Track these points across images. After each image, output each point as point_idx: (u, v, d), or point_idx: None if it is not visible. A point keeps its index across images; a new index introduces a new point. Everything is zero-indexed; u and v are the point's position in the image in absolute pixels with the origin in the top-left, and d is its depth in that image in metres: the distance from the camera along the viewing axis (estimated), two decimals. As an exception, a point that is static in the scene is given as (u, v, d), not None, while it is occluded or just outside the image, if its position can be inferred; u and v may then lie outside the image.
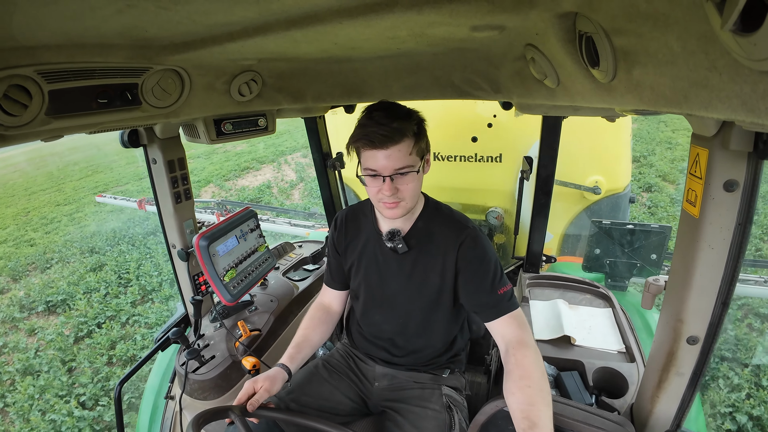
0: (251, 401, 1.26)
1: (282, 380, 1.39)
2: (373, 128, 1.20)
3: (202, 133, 1.59)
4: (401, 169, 1.23)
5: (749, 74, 0.40)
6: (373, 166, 1.24)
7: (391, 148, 1.20)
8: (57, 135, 1.02)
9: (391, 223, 1.45)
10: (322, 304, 1.70)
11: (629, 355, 1.72)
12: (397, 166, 1.22)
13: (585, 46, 0.70)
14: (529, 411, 1.09)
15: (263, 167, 14.27)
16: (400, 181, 1.25)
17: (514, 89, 1.37)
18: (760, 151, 0.82)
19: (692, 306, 1.03)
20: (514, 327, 1.30)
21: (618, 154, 3.33)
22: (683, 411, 1.18)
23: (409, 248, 1.42)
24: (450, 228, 1.41)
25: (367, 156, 1.24)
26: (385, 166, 1.22)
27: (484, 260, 1.36)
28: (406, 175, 1.25)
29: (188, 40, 0.97)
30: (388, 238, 1.42)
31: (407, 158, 1.23)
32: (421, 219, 1.44)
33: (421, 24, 0.88)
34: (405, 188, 1.26)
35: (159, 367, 2.29)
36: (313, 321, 1.62)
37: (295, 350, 1.49)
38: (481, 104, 3.11)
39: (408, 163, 1.23)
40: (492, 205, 3.42)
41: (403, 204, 1.29)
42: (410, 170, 1.24)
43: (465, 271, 1.38)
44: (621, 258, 2.57)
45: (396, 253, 1.43)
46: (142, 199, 6.48)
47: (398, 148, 1.21)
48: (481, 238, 1.39)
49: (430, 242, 1.42)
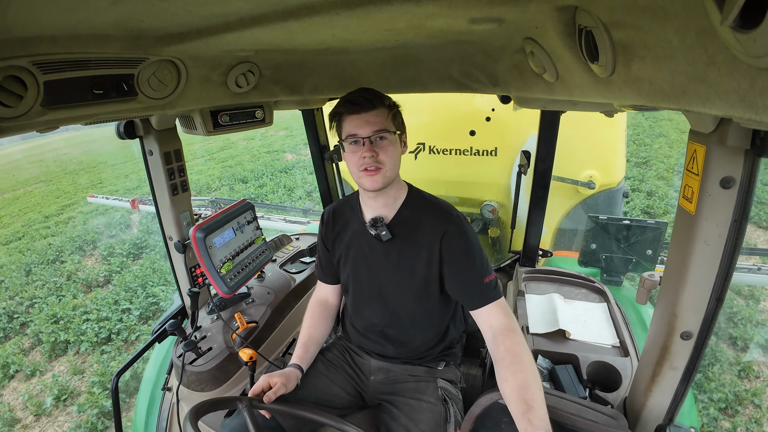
0: (268, 394, 1.30)
1: (296, 379, 1.43)
2: (353, 95, 1.33)
3: (198, 124, 1.58)
4: (380, 132, 1.32)
5: (748, 70, 0.39)
6: (353, 131, 1.33)
7: (371, 112, 1.31)
8: (53, 126, 1.01)
9: (375, 211, 1.46)
10: (319, 299, 1.72)
11: (623, 349, 1.73)
12: (376, 128, 1.31)
13: (584, 40, 0.70)
14: (524, 394, 1.11)
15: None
16: (378, 145, 1.33)
17: (513, 83, 1.37)
18: (757, 147, 0.82)
19: (687, 301, 1.04)
20: (501, 315, 1.32)
21: (613, 149, 3.34)
22: (676, 405, 1.20)
23: (394, 236, 1.43)
24: (434, 216, 1.42)
25: (347, 122, 1.34)
26: (365, 128, 1.32)
27: (469, 249, 1.38)
28: (385, 139, 1.33)
29: (184, 31, 0.96)
30: (371, 224, 1.43)
31: (385, 122, 1.33)
32: (405, 207, 1.46)
33: (420, 16, 0.87)
34: (384, 153, 1.33)
35: (156, 358, 2.30)
36: (314, 319, 1.65)
37: (303, 350, 1.54)
38: (480, 98, 3.10)
39: (386, 126, 1.33)
40: (487, 198, 3.42)
41: (383, 171, 1.34)
42: (388, 134, 1.33)
43: (450, 261, 1.40)
44: (617, 253, 2.59)
45: (381, 241, 1.44)
46: (135, 199, 6.42)
47: (376, 113, 1.32)
48: (465, 226, 1.41)
49: (416, 230, 1.43)
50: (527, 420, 1.07)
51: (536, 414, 1.07)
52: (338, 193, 2.91)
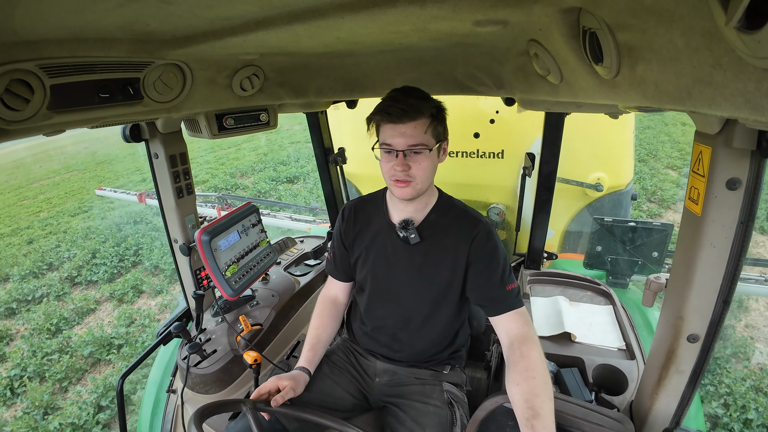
0: (276, 397, 1.28)
1: (304, 382, 1.41)
2: (391, 103, 1.25)
3: (203, 127, 1.58)
4: (415, 146, 1.26)
5: (753, 72, 0.39)
6: (388, 141, 1.28)
7: (407, 124, 1.24)
8: (59, 129, 1.02)
9: (404, 214, 1.45)
10: (329, 297, 1.70)
11: (629, 352, 1.72)
12: (411, 142, 1.25)
13: (589, 41, 0.70)
14: (533, 401, 1.10)
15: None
16: (412, 159, 1.28)
17: (517, 85, 1.37)
18: (763, 149, 0.82)
19: (693, 304, 1.03)
20: (521, 323, 1.32)
21: (621, 151, 3.32)
22: (683, 408, 1.19)
23: (422, 239, 1.42)
24: (464, 222, 1.42)
25: (383, 130, 1.29)
26: (399, 141, 1.26)
27: (495, 255, 1.38)
28: (419, 154, 1.28)
29: (190, 34, 0.97)
30: (401, 226, 1.42)
31: (422, 136, 1.26)
32: (434, 212, 1.45)
33: (424, 18, 0.87)
34: (417, 167, 1.29)
35: (161, 361, 2.31)
36: (324, 319, 1.62)
37: (311, 353, 1.52)
38: (484, 100, 3.10)
39: (422, 141, 1.26)
40: (493, 201, 3.41)
41: (413, 184, 1.31)
42: (423, 148, 1.27)
43: (476, 265, 1.39)
44: (622, 255, 2.57)
45: (407, 244, 1.43)
46: (143, 192, 6.47)
47: (414, 125, 1.24)
48: (494, 233, 1.41)
49: (444, 236, 1.42)
50: (531, 426, 1.06)
51: (542, 423, 1.06)
52: (342, 196, 2.91)
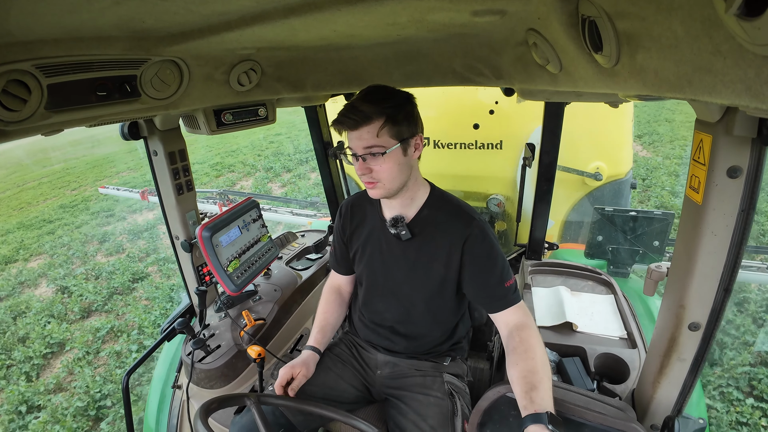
0: (292, 386, 1.33)
1: (314, 362, 1.47)
2: (344, 111, 1.27)
3: (202, 123, 1.58)
4: (370, 148, 1.27)
5: (753, 59, 0.39)
6: (350, 145, 1.31)
7: (360, 129, 1.26)
8: (57, 129, 1.02)
9: (394, 210, 1.45)
10: (333, 287, 1.74)
11: (631, 341, 1.72)
12: (365, 145, 1.27)
13: (588, 30, 0.69)
14: (530, 377, 1.12)
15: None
16: (372, 161, 1.29)
17: (516, 75, 1.36)
18: (764, 137, 0.81)
19: (694, 292, 1.03)
20: (519, 314, 1.33)
21: (620, 140, 3.30)
22: (684, 396, 1.19)
23: (413, 235, 1.43)
24: (457, 218, 1.41)
25: (346, 136, 1.32)
26: (356, 145, 1.29)
27: (492, 255, 1.37)
28: (377, 156, 1.28)
29: (186, 31, 0.96)
30: (391, 224, 1.43)
31: (375, 139, 1.26)
32: (426, 207, 1.45)
33: (421, 9, 0.86)
34: (378, 168, 1.30)
35: (165, 357, 2.32)
36: (330, 305, 1.68)
37: (320, 334, 1.57)
38: (483, 91, 3.08)
39: (376, 143, 1.26)
40: (493, 192, 3.41)
41: (380, 185, 1.32)
42: (378, 150, 1.27)
43: (472, 266, 1.39)
44: (623, 245, 2.57)
45: (400, 240, 1.44)
46: (145, 190, 6.44)
47: (366, 129, 1.26)
48: (488, 231, 1.40)
49: (436, 231, 1.42)
50: (529, 398, 1.07)
51: (539, 394, 1.08)
52: (343, 190, 2.91)
